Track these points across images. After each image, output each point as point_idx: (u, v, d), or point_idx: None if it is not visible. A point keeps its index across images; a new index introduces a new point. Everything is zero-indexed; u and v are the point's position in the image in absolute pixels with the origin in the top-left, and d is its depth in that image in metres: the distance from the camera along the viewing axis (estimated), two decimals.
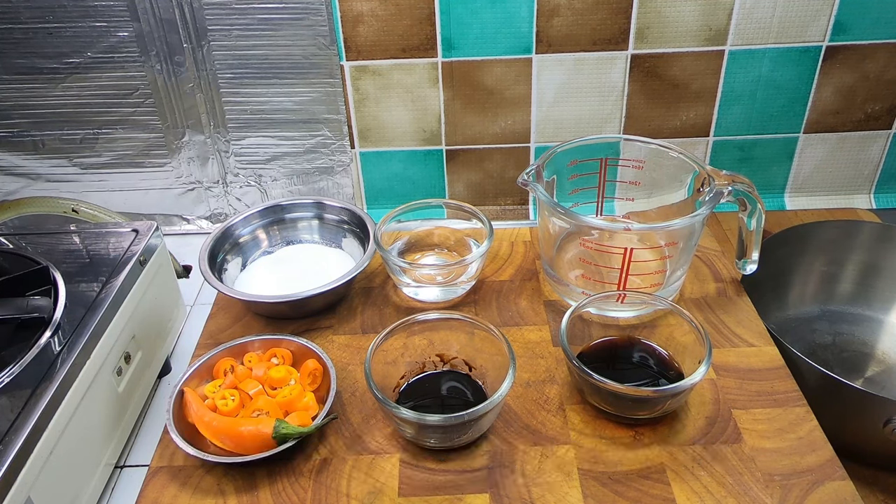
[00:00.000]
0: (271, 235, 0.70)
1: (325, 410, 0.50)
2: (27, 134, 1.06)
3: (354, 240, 0.68)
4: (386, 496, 0.46)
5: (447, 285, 0.62)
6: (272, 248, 0.69)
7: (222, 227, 0.67)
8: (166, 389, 0.81)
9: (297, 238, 0.70)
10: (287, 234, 0.70)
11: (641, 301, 0.55)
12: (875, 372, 0.68)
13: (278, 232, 0.70)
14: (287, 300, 0.58)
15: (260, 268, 0.67)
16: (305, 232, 0.71)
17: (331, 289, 0.59)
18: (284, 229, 0.70)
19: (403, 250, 0.66)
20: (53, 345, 0.61)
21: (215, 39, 0.97)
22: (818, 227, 0.74)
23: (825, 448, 0.49)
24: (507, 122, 1.03)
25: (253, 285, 0.65)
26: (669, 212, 0.63)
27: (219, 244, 0.66)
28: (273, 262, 0.68)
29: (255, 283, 0.65)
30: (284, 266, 0.68)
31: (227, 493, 0.47)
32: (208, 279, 0.61)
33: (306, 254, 0.69)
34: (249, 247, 0.69)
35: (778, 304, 0.74)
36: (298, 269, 0.67)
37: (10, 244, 0.77)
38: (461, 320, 0.53)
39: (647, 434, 0.50)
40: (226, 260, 0.66)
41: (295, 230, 0.70)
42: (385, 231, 0.63)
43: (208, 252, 0.64)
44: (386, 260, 0.61)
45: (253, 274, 0.67)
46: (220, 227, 0.67)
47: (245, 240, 0.68)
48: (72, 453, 0.59)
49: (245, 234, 0.69)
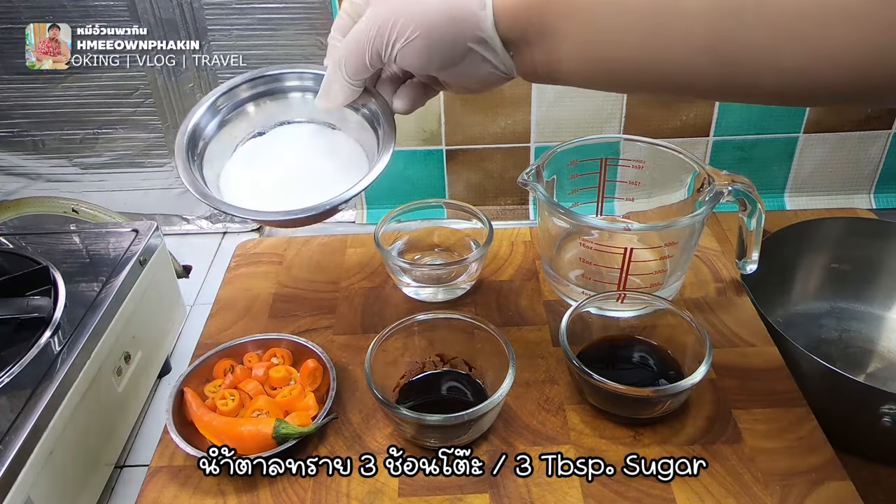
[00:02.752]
0: (261, 109, 0.55)
1: (325, 410, 0.50)
2: (27, 134, 1.06)
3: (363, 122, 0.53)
4: (386, 496, 0.46)
5: (447, 285, 0.62)
6: (259, 131, 0.55)
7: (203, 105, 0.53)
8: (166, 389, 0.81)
9: (291, 116, 0.56)
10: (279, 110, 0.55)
11: (641, 301, 0.55)
12: (877, 368, 0.68)
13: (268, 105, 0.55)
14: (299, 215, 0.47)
15: (248, 160, 0.54)
16: (299, 107, 0.55)
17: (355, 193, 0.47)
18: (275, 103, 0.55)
19: (403, 250, 0.66)
20: (53, 345, 0.61)
21: (215, 39, 0.97)
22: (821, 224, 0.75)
23: (825, 448, 0.49)
24: (507, 121, 1.03)
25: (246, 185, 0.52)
26: (669, 212, 0.63)
27: (198, 129, 0.52)
28: (263, 150, 0.55)
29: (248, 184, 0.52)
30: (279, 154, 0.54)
31: (227, 493, 0.47)
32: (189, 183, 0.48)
33: (303, 139, 0.55)
34: (235, 126, 0.54)
35: (783, 300, 0.74)
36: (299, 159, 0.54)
37: (10, 244, 0.77)
38: (461, 320, 0.53)
39: (647, 434, 0.50)
40: (207, 148, 0.53)
41: (287, 105, 0.55)
42: (385, 231, 0.63)
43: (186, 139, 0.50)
44: (386, 260, 0.61)
45: (241, 170, 0.53)
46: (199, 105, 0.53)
47: (231, 117, 0.54)
48: (72, 453, 0.59)
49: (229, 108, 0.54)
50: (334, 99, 0.47)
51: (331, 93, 0.47)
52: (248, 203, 0.49)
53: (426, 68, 0.42)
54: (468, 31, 0.38)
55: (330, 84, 0.47)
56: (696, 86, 0.35)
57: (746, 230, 0.60)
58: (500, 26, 0.38)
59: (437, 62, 0.40)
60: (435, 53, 0.40)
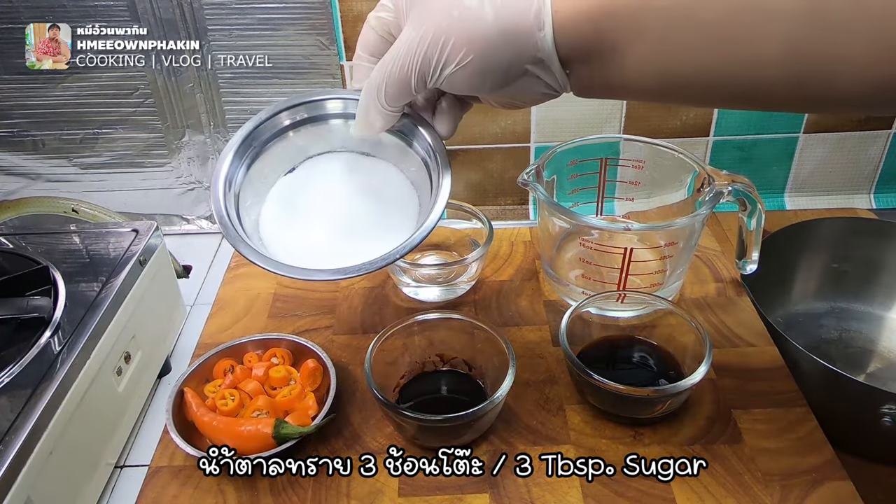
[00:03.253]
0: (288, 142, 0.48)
1: (325, 410, 0.50)
2: (27, 134, 1.06)
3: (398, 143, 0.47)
4: (386, 496, 0.46)
5: (447, 285, 0.62)
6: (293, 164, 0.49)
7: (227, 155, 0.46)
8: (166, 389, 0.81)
9: (321, 147, 0.49)
10: (309, 142, 0.49)
11: (641, 301, 0.55)
12: (877, 368, 0.68)
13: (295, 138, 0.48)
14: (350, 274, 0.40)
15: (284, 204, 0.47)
16: (328, 136, 0.49)
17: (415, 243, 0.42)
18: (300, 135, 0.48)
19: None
20: (53, 345, 0.61)
21: (215, 39, 0.97)
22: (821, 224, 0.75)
23: (825, 448, 0.49)
24: (507, 121, 1.03)
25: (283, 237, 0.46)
26: (669, 212, 0.63)
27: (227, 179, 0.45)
28: (299, 188, 0.48)
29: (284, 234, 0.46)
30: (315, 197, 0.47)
31: (227, 493, 0.47)
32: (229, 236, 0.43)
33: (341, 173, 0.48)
34: (263, 164, 0.47)
35: (783, 300, 0.74)
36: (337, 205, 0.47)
37: (10, 244, 0.77)
38: (461, 320, 0.53)
39: (647, 434, 0.50)
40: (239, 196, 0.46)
41: (318, 136, 0.48)
42: None
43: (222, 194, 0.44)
44: None
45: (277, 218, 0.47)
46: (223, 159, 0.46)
47: (256, 157, 0.47)
48: (72, 453, 0.59)
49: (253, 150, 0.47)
50: (372, 127, 0.43)
51: (368, 120, 0.43)
52: (296, 260, 0.43)
53: (476, 91, 0.39)
54: (526, 53, 0.36)
55: (367, 111, 0.42)
56: (769, 96, 0.34)
57: (746, 230, 0.60)
58: (560, 46, 0.35)
59: (489, 85, 0.38)
60: (489, 77, 0.37)
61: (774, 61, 0.31)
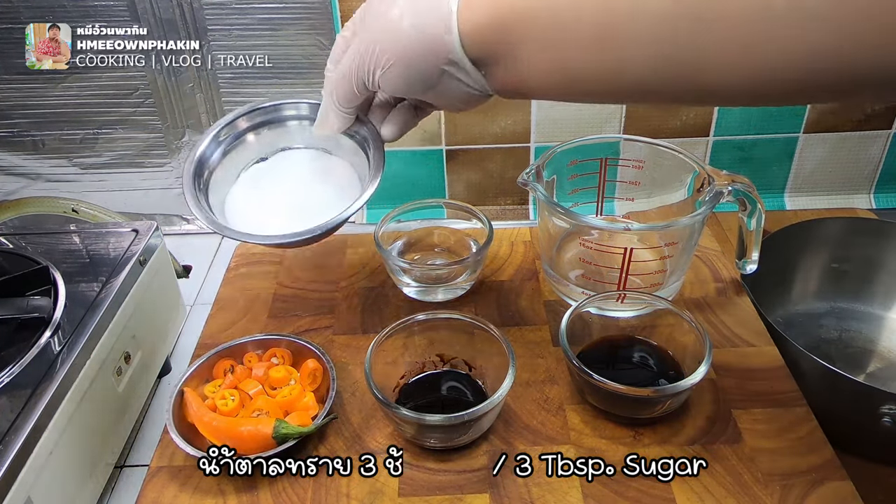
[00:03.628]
0: (260, 139, 0.59)
1: (325, 410, 0.50)
2: (27, 134, 1.06)
3: (355, 146, 0.56)
4: (386, 496, 0.46)
5: (447, 285, 0.62)
6: (262, 157, 0.59)
7: (207, 136, 0.57)
8: (166, 389, 0.81)
9: (291, 143, 0.59)
10: (279, 138, 0.59)
11: (641, 301, 0.55)
12: (877, 368, 0.68)
13: (268, 134, 0.59)
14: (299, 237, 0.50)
15: (251, 184, 0.58)
16: (297, 133, 0.59)
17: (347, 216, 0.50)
18: (275, 132, 0.59)
19: (403, 250, 0.66)
20: (53, 345, 0.61)
21: (215, 39, 0.97)
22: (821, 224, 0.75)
23: (825, 448, 0.49)
24: (507, 121, 1.03)
25: (249, 210, 0.55)
26: (669, 212, 0.63)
27: (203, 159, 0.56)
28: (265, 175, 0.58)
29: (250, 207, 0.56)
30: (280, 180, 0.58)
31: (227, 493, 0.47)
32: (198, 211, 0.52)
33: (302, 164, 0.58)
34: (238, 153, 0.58)
35: (783, 300, 0.75)
36: (298, 185, 0.57)
37: (10, 244, 0.77)
38: (461, 320, 0.53)
39: (647, 434, 0.50)
40: (212, 176, 0.56)
41: (287, 133, 0.59)
42: (385, 231, 0.63)
43: (192, 170, 0.54)
44: (386, 260, 0.61)
45: (245, 194, 0.57)
46: (203, 138, 0.57)
47: (234, 146, 0.58)
48: (72, 453, 0.59)
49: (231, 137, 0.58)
50: (330, 126, 0.51)
51: (326, 121, 0.51)
52: (251, 227, 0.53)
53: (408, 92, 0.44)
54: (439, 55, 0.41)
55: (325, 112, 0.50)
56: (650, 92, 0.36)
57: (746, 230, 0.61)
58: (468, 48, 0.40)
59: (416, 86, 0.43)
60: (412, 78, 0.42)
61: (648, 60, 0.34)
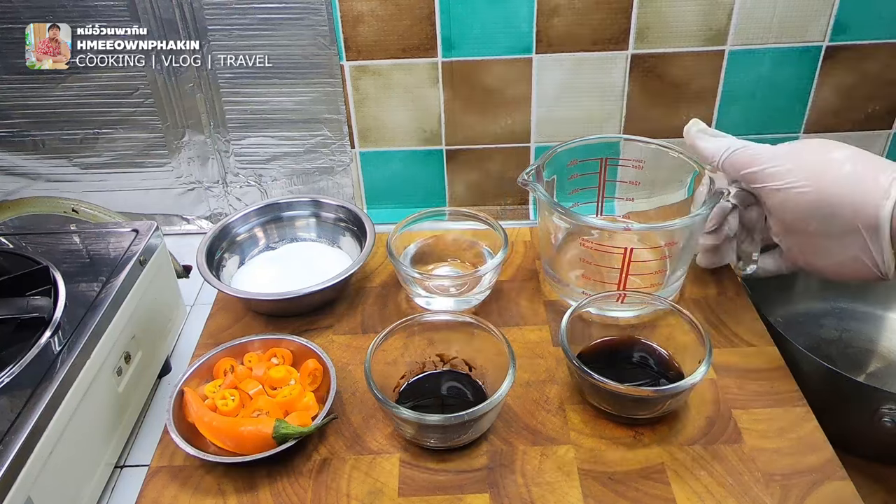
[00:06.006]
0: (269, 233, 0.71)
1: (325, 410, 0.50)
2: (27, 134, 1.06)
3: (352, 238, 0.69)
4: (386, 496, 0.46)
5: (460, 296, 0.61)
6: (270, 245, 0.71)
7: (220, 226, 0.68)
8: (166, 389, 0.81)
9: (296, 236, 0.71)
10: (285, 231, 0.71)
11: (641, 301, 0.55)
12: (877, 368, 0.68)
13: (276, 230, 0.71)
14: (285, 297, 0.59)
15: (258, 265, 0.68)
16: (303, 230, 0.72)
17: (329, 286, 0.59)
18: (282, 227, 0.71)
19: (415, 260, 0.66)
20: (53, 345, 0.61)
21: (215, 39, 0.97)
22: None
23: (825, 448, 0.49)
24: (508, 121, 1.03)
25: (251, 283, 0.65)
26: (669, 212, 0.63)
27: (216, 242, 0.67)
28: (271, 260, 0.69)
29: (253, 281, 0.66)
30: (283, 263, 0.68)
31: (227, 493, 0.47)
32: (206, 277, 0.61)
33: (304, 252, 0.70)
34: (247, 245, 0.70)
35: (783, 300, 0.74)
36: (297, 267, 0.68)
37: (10, 244, 0.77)
38: (461, 320, 0.53)
39: (647, 434, 0.50)
40: (224, 258, 0.67)
41: (293, 228, 0.71)
42: (397, 238, 0.63)
43: (206, 250, 0.65)
44: (398, 269, 0.61)
45: (251, 271, 0.68)
46: (217, 226, 0.68)
47: (243, 238, 0.69)
48: (72, 453, 0.59)
49: (242, 231, 0.70)
50: None
51: None
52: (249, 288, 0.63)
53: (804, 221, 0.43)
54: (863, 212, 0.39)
55: None
56: None
57: None
58: None
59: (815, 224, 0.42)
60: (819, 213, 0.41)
61: None
